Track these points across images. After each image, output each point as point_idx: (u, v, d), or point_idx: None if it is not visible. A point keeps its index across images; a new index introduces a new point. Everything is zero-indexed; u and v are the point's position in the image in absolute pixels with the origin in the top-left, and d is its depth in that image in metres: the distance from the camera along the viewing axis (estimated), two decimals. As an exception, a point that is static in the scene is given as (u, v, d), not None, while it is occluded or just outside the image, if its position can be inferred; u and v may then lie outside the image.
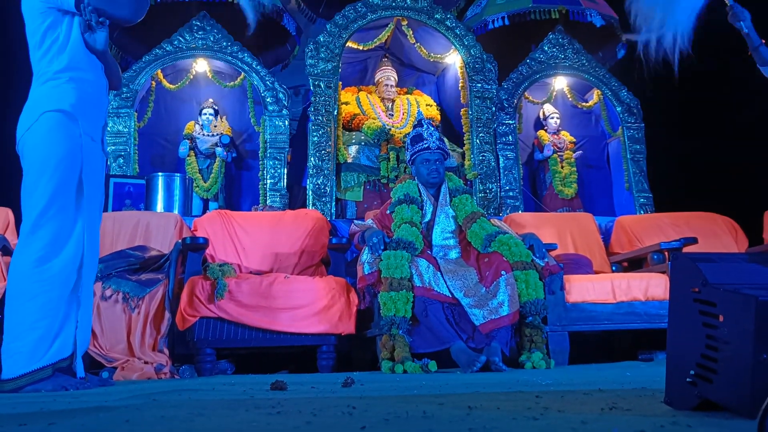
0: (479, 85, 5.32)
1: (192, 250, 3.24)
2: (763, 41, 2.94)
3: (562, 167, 5.67)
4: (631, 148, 5.51)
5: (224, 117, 5.53)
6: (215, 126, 5.40)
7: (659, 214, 4.56)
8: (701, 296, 1.17)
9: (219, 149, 5.24)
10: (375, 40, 5.47)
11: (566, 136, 5.86)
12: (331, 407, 1.32)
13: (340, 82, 5.22)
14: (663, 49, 2.92)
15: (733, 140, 5.49)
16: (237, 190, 5.56)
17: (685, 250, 3.54)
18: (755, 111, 5.11)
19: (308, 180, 4.82)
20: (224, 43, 5.14)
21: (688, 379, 1.18)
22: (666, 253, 3.59)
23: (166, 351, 2.99)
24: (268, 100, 5.06)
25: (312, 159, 4.84)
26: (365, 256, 3.10)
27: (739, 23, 2.89)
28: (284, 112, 5.04)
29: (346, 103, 5.43)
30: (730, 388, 1.10)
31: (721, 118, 5.71)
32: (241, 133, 5.63)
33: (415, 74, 6.15)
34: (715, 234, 4.10)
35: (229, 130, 5.44)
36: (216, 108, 5.46)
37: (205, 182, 5.25)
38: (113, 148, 4.79)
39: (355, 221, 3.60)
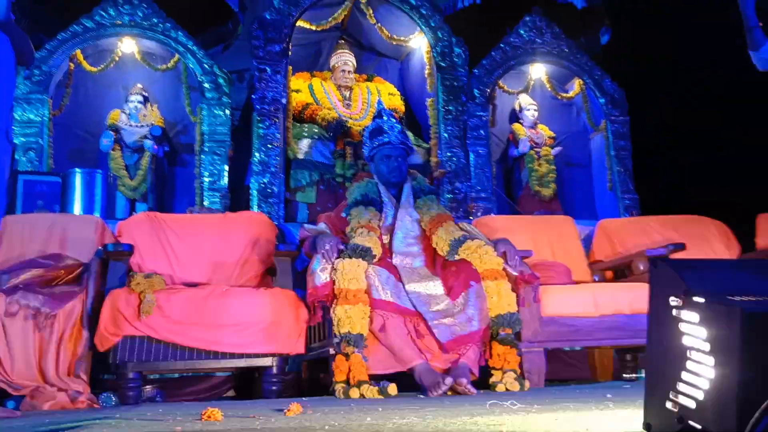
0: (448, 72, 5.36)
1: (115, 258, 3.19)
2: (760, 24, 2.99)
3: (540, 165, 5.75)
4: (615, 143, 5.62)
5: (155, 105, 5.44)
6: (144, 115, 5.32)
7: (646, 217, 4.63)
8: (682, 308, 1.20)
9: (148, 142, 5.16)
10: (330, 19, 5.46)
11: (544, 131, 5.95)
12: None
13: (290, 67, 5.19)
14: None
15: (728, 139, 5.64)
16: (170, 190, 5.49)
17: (673, 257, 3.61)
18: (751, 107, 5.24)
19: (252, 178, 4.79)
20: (155, 20, 5.07)
21: (668, 402, 1.20)
22: (653, 261, 3.65)
23: (84, 376, 2.94)
24: (206, 85, 5.01)
25: (257, 154, 4.81)
26: (316, 264, 3.09)
27: None
28: (225, 99, 5.00)
29: (297, 91, 5.41)
30: (714, 411, 1.12)
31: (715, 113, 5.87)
32: (174, 124, 5.55)
33: (376, 59, 6.17)
34: (706, 239, 4.19)
35: (160, 121, 5.36)
36: (145, 94, 5.38)
37: (131, 180, 5.16)
38: (23, 140, 4.68)
39: (305, 225, 3.59)
